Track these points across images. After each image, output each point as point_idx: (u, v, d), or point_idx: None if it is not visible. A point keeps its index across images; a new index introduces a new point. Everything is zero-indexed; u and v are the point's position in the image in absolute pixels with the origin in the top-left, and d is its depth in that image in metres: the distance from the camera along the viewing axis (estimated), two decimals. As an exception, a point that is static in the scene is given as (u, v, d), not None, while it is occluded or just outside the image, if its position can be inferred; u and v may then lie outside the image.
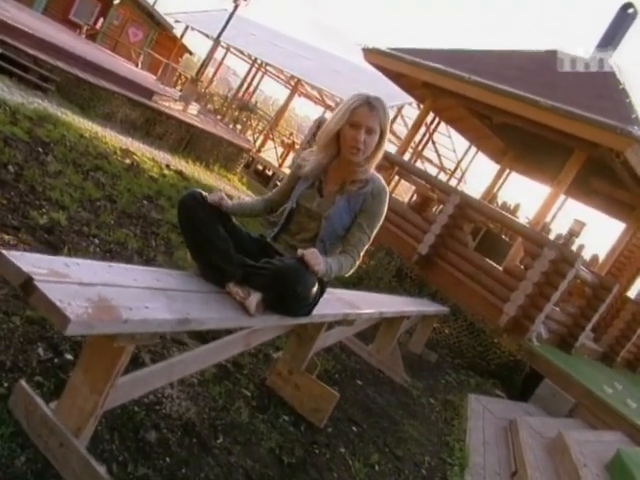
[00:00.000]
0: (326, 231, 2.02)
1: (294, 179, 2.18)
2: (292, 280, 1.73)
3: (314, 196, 2.08)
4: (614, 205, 9.34)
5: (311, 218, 2.07)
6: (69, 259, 1.34)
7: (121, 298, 1.29)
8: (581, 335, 6.57)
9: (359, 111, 1.93)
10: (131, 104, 8.03)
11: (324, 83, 16.54)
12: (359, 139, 1.93)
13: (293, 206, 2.09)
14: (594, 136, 5.95)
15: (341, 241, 2.07)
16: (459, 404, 4.14)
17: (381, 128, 1.96)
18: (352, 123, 1.94)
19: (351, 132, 1.94)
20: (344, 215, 2.03)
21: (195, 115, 10.78)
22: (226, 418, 2.15)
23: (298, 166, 2.16)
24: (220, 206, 1.97)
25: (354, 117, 1.93)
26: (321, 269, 1.78)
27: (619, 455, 3.45)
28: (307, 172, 2.09)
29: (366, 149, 1.97)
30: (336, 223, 2.02)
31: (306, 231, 2.08)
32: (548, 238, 5.88)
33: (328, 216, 2.02)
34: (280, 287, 1.75)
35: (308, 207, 2.06)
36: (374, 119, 1.93)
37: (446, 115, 10.88)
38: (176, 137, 9.07)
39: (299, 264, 1.74)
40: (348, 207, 2.03)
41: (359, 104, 1.94)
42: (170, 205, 5.18)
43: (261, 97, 31.33)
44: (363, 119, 1.93)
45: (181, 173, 7.50)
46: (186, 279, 1.73)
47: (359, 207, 2.03)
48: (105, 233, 3.37)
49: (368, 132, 1.94)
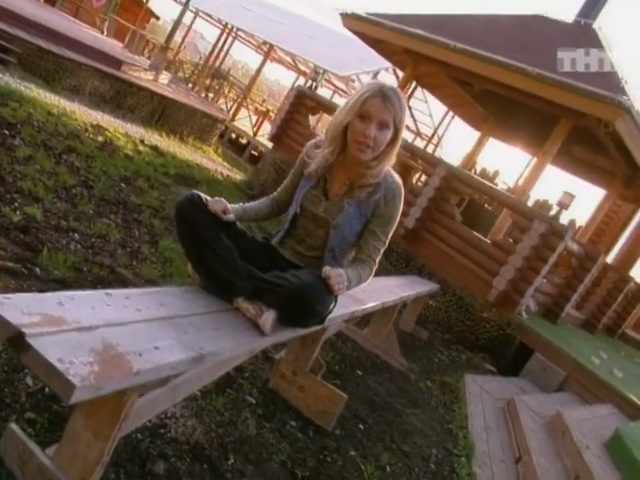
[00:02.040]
0: (335, 240, 1.82)
1: (299, 176, 1.96)
2: (312, 299, 1.56)
3: (319, 199, 1.87)
4: (595, 172, 9.35)
5: (318, 225, 1.87)
6: (62, 294, 1.15)
7: (127, 341, 1.11)
8: (567, 305, 6.61)
9: (370, 102, 1.70)
10: (99, 75, 7.58)
11: (298, 49, 16.02)
12: (368, 134, 1.70)
13: (297, 211, 1.88)
14: (583, 106, 5.84)
15: (352, 247, 1.89)
16: (456, 386, 4.09)
17: (395, 123, 1.72)
18: (362, 115, 1.71)
19: (360, 126, 1.71)
20: (354, 222, 1.83)
21: (166, 85, 10.30)
22: (234, 433, 2.01)
23: (303, 162, 1.94)
24: (222, 217, 1.75)
25: (364, 108, 1.70)
26: (344, 291, 1.62)
27: (618, 434, 3.45)
28: (312, 170, 1.87)
29: (376, 146, 1.73)
30: (346, 231, 1.82)
31: (313, 238, 1.89)
32: (538, 211, 5.81)
33: (337, 225, 1.82)
34: (298, 306, 1.58)
35: (314, 212, 1.86)
36: (387, 112, 1.70)
37: (425, 81, 10.65)
38: (148, 109, 8.66)
39: (319, 282, 1.57)
40: (359, 213, 1.83)
41: (371, 94, 1.70)
42: (149, 186, 4.92)
43: (230, 61, 30.39)
44: (374, 111, 1.69)
45: (156, 148, 7.17)
46: (190, 297, 1.55)
47: (371, 212, 1.83)
48: (85, 226, 3.13)
49: (379, 127, 1.71)
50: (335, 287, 1.58)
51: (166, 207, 4.49)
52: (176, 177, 6.16)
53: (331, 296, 1.63)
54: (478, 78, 7.35)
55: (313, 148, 1.92)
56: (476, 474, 2.80)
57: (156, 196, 4.69)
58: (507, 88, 6.87)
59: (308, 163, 1.91)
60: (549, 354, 5.26)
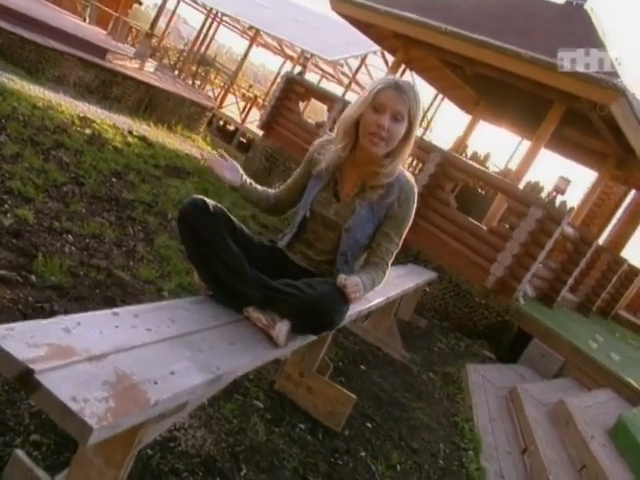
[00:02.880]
0: (347, 244, 1.75)
1: (305, 176, 1.87)
2: (329, 310, 1.50)
3: (330, 201, 1.78)
4: (586, 154, 9.32)
5: (328, 228, 1.79)
6: (68, 319, 1.08)
7: (141, 367, 1.04)
8: (563, 289, 6.62)
9: (384, 93, 1.62)
10: (84, 65, 7.37)
11: (284, 33, 15.75)
12: (381, 123, 1.61)
13: (307, 214, 1.80)
14: (578, 89, 5.78)
15: (364, 250, 1.81)
16: (458, 376, 4.07)
17: (410, 117, 1.64)
18: (375, 106, 1.63)
19: (373, 116, 1.63)
20: (367, 224, 1.75)
21: (152, 73, 10.09)
22: (244, 441, 1.96)
23: (311, 161, 1.84)
24: (238, 179, 1.80)
25: (377, 99, 1.63)
26: (360, 300, 1.56)
27: (622, 422, 3.46)
28: (322, 169, 1.78)
29: (390, 139, 1.64)
30: (358, 234, 1.74)
31: (323, 242, 1.81)
32: (534, 196, 5.78)
33: (349, 228, 1.74)
34: (314, 317, 1.51)
35: (324, 215, 1.78)
36: (402, 103, 1.62)
37: (415, 65, 10.51)
38: (135, 99, 8.47)
39: (335, 292, 1.50)
40: (371, 215, 1.75)
41: (385, 86, 1.63)
42: (140, 180, 4.81)
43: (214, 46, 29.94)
44: (388, 102, 1.62)
45: (145, 139, 7.02)
46: (200, 310, 1.47)
47: (384, 214, 1.76)
48: (78, 226, 3.03)
49: (394, 118, 1.62)
50: (352, 296, 1.52)
51: (159, 202, 4.39)
52: (166, 169, 6.04)
53: (347, 305, 1.57)
54: (470, 61, 7.25)
55: (321, 146, 1.83)
56: (485, 469, 2.78)
57: (148, 190, 4.58)
58: (500, 71, 6.78)
59: (316, 162, 1.82)
60: (547, 340, 5.27)
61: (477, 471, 2.75)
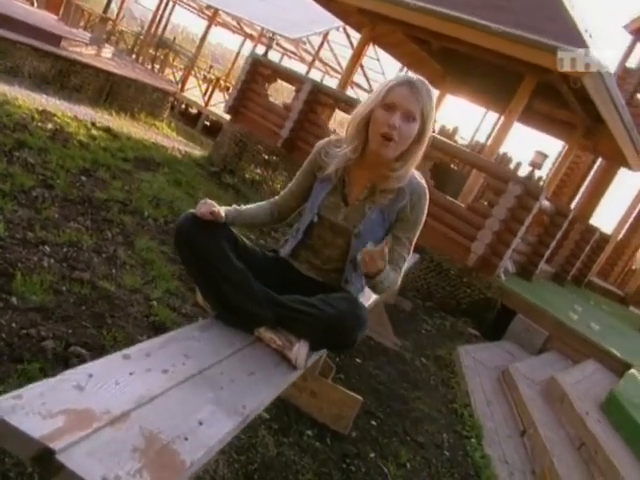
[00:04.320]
0: (357, 250, 1.62)
1: (309, 179, 1.75)
2: (351, 330, 1.41)
3: (339, 205, 1.67)
4: (554, 125, 9.40)
5: (337, 234, 1.68)
6: (78, 372, 0.96)
7: (167, 422, 0.93)
8: (540, 262, 6.71)
9: (396, 90, 1.52)
10: (38, 54, 6.98)
11: (244, 12, 15.30)
12: (392, 123, 1.51)
13: (315, 220, 1.69)
14: (551, 63, 5.75)
15: None
16: (450, 359, 4.08)
17: (423, 116, 1.54)
18: (386, 104, 1.53)
19: (384, 116, 1.53)
20: (377, 228, 1.66)
21: (110, 59, 9.67)
22: (256, 458, 1.88)
23: (315, 163, 1.72)
24: (214, 220, 1.52)
25: (389, 97, 1.52)
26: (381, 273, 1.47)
27: (613, 396, 3.52)
28: (331, 172, 1.66)
29: (401, 140, 1.54)
30: (368, 239, 1.64)
31: (331, 249, 1.70)
32: (513, 173, 5.78)
33: (359, 233, 1.64)
34: (335, 337, 1.42)
35: (332, 220, 1.67)
36: (414, 102, 1.52)
37: (381, 41, 10.36)
38: (95, 87, 8.10)
39: (355, 307, 1.41)
40: (382, 219, 1.65)
41: (397, 83, 1.53)
42: (110, 176, 4.60)
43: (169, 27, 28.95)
44: (400, 100, 1.51)
45: (109, 130, 6.74)
46: (211, 337, 1.37)
47: (395, 217, 1.66)
48: (53, 234, 2.85)
49: (405, 117, 1.52)
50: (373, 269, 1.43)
51: (133, 199, 4.20)
52: (135, 161, 5.81)
53: (367, 321, 1.48)
54: (439, 36, 7.15)
55: (327, 147, 1.71)
56: (489, 456, 2.78)
57: (120, 187, 4.39)
58: (469, 45, 6.70)
59: (322, 164, 1.70)
60: (531, 315, 5.33)
61: (482, 459, 2.75)
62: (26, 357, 1.71)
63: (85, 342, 1.94)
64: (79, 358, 1.82)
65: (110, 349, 1.98)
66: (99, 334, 2.06)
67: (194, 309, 2.82)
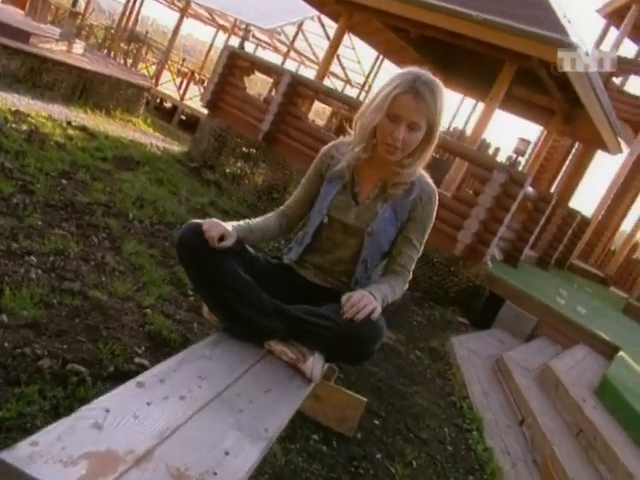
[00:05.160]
0: (370, 250, 1.61)
1: (317, 183, 1.71)
2: (368, 341, 1.37)
3: (349, 205, 1.63)
4: (534, 110, 9.46)
5: (349, 234, 1.64)
6: (94, 408, 0.90)
7: (193, 456, 0.89)
8: (525, 248, 6.77)
9: (401, 101, 1.49)
10: (7, 52, 6.75)
11: (217, 3, 15.05)
12: (396, 136, 1.49)
13: (325, 221, 1.64)
14: (532, 50, 5.77)
15: (383, 257, 1.69)
16: (444, 351, 4.08)
17: (429, 123, 1.52)
18: (391, 115, 1.50)
19: (389, 127, 1.51)
20: (389, 227, 1.63)
21: (82, 55, 9.41)
22: (265, 468, 1.83)
23: (321, 166, 1.69)
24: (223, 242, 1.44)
25: (394, 108, 1.49)
26: (379, 310, 1.43)
27: (607, 381, 3.56)
28: (341, 169, 1.62)
29: (406, 147, 1.53)
30: (382, 239, 1.61)
31: (342, 249, 1.66)
32: (497, 161, 5.79)
33: (372, 232, 1.60)
34: (351, 350, 1.38)
35: (344, 221, 1.63)
36: (419, 112, 1.49)
37: (358, 29, 10.28)
38: (68, 85, 7.88)
39: (369, 321, 1.37)
40: (394, 217, 1.62)
41: (402, 91, 1.49)
42: (91, 178, 4.48)
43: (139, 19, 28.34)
44: (404, 112, 1.49)
45: (86, 129, 6.59)
46: (222, 354, 1.32)
47: (406, 216, 1.64)
48: (39, 243, 2.75)
49: (410, 128, 1.51)
50: (370, 315, 1.39)
51: (116, 201, 4.10)
52: (115, 161, 5.68)
53: (384, 326, 1.44)
54: (417, 25, 7.12)
55: (337, 147, 1.68)
56: (491, 448, 2.79)
57: (102, 189, 4.27)
58: (448, 33, 6.68)
59: (330, 164, 1.67)
60: (519, 301, 5.37)
61: (485, 452, 2.75)
62: (23, 379, 1.63)
63: (82, 358, 1.87)
64: (78, 376, 1.75)
65: (108, 364, 1.91)
66: (95, 348, 1.99)
67: (189, 314, 2.75)
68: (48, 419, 1.51)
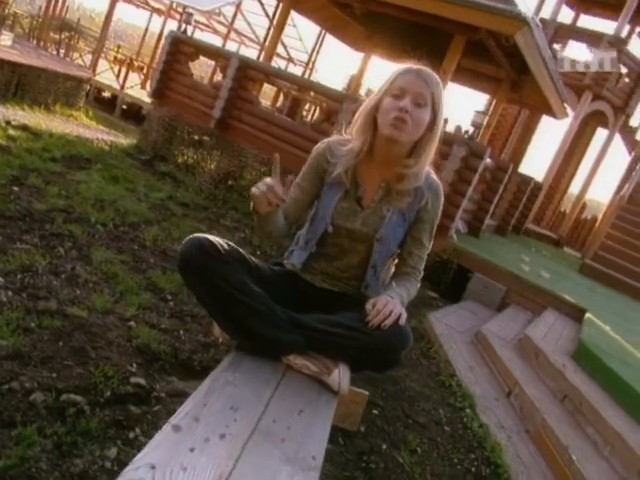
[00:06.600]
0: (379, 255, 1.56)
1: (316, 184, 1.61)
2: (396, 349, 1.32)
3: (355, 211, 1.56)
4: (481, 80, 9.59)
5: (355, 240, 1.57)
6: (136, 464, 0.82)
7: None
8: (486, 218, 6.90)
9: (403, 77, 1.45)
10: None
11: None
12: (403, 106, 1.42)
13: (329, 229, 1.56)
14: (481, 21, 5.80)
15: (392, 259, 1.64)
16: (423, 329, 4.12)
17: (434, 103, 1.47)
18: (394, 93, 1.45)
19: (393, 102, 1.44)
20: (398, 230, 1.58)
21: (11, 47, 8.83)
22: None
23: (320, 166, 1.59)
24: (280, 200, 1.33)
25: (396, 84, 1.45)
26: (405, 315, 1.39)
27: (583, 345, 3.69)
28: (340, 174, 1.54)
29: (414, 126, 1.45)
30: (391, 243, 1.56)
31: (350, 255, 1.59)
32: (456, 135, 5.83)
33: (381, 237, 1.55)
34: (379, 359, 1.34)
35: (350, 228, 1.56)
36: (424, 87, 1.44)
37: (301, 7, 10.07)
38: (1, 81, 7.39)
39: (398, 328, 1.32)
40: (402, 220, 1.58)
41: (403, 71, 1.46)
42: (43, 182, 4.23)
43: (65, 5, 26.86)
44: (408, 85, 1.44)
45: (27, 128, 6.24)
46: (245, 378, 1.25)
47: (414, 215, 1.59)
48: (2, 261, 2.56)
49: (415, 102, 1.44)
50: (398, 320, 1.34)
51: (74, 205, 3.89)
52: (64, 160, 5.39)
53: (410, 332, 1.40)
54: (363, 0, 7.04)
55: (332, 148, 1.58)
56: (486, 424, 2.84)
57: (57, 193, 4.05)
58: (395, 7, 6.63)
59: (328, 168, 1.58)
60: (487, 272, 5.48)
61: (480, 428, 2.80)
62: (18, 418, 1.51)
63: (75, 385, 1.76)
64: (75, 407, 1.64)
65: (104, 389, 1.80)
66: (87, 372, 1.87)
67: (172, 321, 2.65)
68: (53, 460, 1.41)
